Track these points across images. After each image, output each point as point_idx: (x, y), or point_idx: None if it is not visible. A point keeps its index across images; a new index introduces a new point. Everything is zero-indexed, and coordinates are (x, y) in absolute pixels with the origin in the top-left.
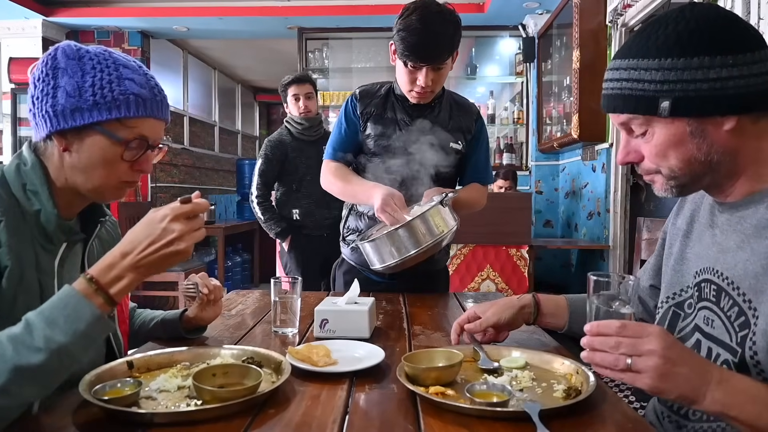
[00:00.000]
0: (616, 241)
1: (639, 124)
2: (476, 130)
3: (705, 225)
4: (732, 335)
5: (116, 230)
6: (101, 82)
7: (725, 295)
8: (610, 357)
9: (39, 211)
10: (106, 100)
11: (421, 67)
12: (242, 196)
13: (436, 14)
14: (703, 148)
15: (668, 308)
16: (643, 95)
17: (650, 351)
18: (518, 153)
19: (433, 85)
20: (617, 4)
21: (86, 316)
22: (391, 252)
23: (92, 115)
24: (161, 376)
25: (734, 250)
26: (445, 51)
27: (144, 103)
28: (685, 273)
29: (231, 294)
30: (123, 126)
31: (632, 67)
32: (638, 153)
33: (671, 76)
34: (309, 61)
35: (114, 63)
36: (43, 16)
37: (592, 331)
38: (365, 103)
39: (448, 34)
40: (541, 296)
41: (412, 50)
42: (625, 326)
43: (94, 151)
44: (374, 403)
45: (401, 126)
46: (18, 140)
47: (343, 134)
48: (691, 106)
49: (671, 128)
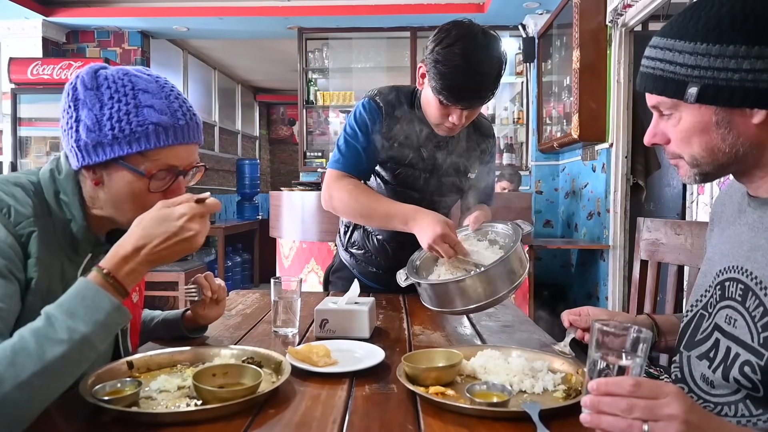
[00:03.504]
0: (616, 241)
1: (667, 106)
2: (490, 153)
3: (731, 222)
4: (754, 336)
5: None
6: (118, 114)
7: (752, 294)
8: (621, 422)
9: (69, 220)
10: (124, 133)
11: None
12: (242, 196)
13: (483, 49)
14: (728, 139)
15: (696, 312)
16: (673, 78)
17: (670, 416)
18: (518, 153)
19: (465, 121)
20: (617, 4)
21: (105, 306)
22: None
23: (113, 150)
24: (161, 376)
25: (766, 249)
26: (490, 92)
27: (165, 132)
28: (708, 273)
29: (231, 294)
30: (145, 159)
31: (668, 47)
32: (665, 136)
33: (704, 62)
34: (309, 61)
35: (132, 89)
36: (43, 16)
37: (599, 389)
38: (393, 122)
39: (494, 73)
40: (656, 316)
41: (452, 91)
42: (640, 385)
43: (121, 186)
44: (374, 403)
45: (423, 154)
46: (18, 140)
47: (361, 151)
48: (719, 95)
49: (697, 115)
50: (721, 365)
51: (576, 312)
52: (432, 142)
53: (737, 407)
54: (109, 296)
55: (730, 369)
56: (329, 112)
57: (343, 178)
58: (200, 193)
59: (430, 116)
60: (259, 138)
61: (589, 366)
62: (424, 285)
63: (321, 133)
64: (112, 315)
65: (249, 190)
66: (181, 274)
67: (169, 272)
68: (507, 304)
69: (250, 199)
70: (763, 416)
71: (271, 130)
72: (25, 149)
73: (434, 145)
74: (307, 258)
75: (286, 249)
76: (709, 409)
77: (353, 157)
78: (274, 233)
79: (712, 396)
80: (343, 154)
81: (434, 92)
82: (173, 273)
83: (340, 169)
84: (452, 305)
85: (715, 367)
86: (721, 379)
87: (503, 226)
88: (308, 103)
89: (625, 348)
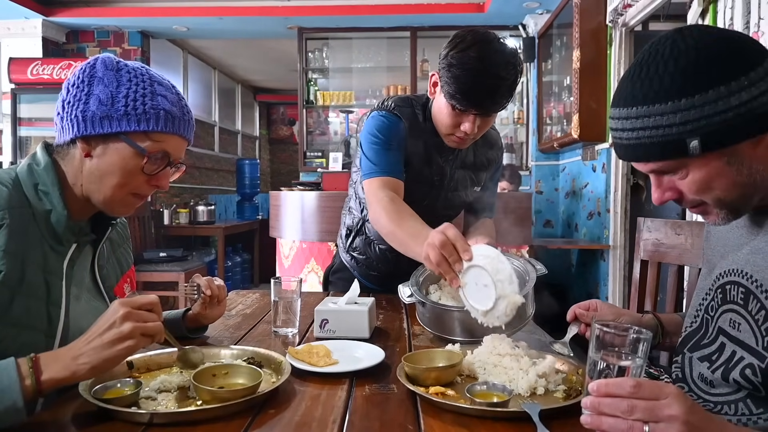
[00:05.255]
0: (616, 241)
1: (671, 167)
2: (496, 165)
3: (732, 226)
4: (759, 339)
5: (126, 231)
6: (135, 95)
7: (753, 298)
8: (622, 424)
9: (50, 211)
10: (137, 111)
11: (471, 112)
12: (242, 196)
13: (500, 53)
14: (743, 172)
15: (702, 316)
16: (669, 140)
17: (671, 417)
18: (518, 153)
19: (478, 132)
20: (617, 4)
21: (6, 401)
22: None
23: (120, 125)
24: (161, 376)
25: (766, 252)
26: (505, 99)
27: (173, 120)
28: (708, 276)
29: (231, 294)
30: (148, 139)
31: (644, 114)
32: (675, 190)
33: (692, 115)
34: (309, 61)
35: (150, 79)
36: (43, 16)
37: (600, 390)
38: (410, 134)
39: (510, 78)
40: (661, 315)
41: (466, 95)
42: (641, 386)
43: (116, 159)
44: (374, 403)
45: (432, 168)
46: (18, 140)
47: (390, 154)
48: (722, 138)
49: (707, 164)
50: (722, 366)
51: (584, 306)
52: (441, 157)
53: (737, 406)
54: (17, 393)
55: (731, 371)
56: (329, 112)
57: (382, 188)
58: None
59: (440, 126)
60: (259, 138)
61: (589, 366)
62: (428, 306)
63: (321, 133)
64: (5, 413)
65: (249, 190)
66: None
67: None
68: None
69: (250, 199)
70: (764, 415)
71: (271, 130)
72: (25, 149)
73: (443, 159)
74: (307, 258)
75: (286, 249)
76: (708, 409)
77: (384, 159)
78: (274, 233)
79: (711, 395)
80: (375, 162)
81: (447, 97)
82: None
83: (375, 175)
84: (451, 332)
85: (715, 368)
86: (721, 379)
87: (517, 262)
88: (308, 103)
89: (625, 349)
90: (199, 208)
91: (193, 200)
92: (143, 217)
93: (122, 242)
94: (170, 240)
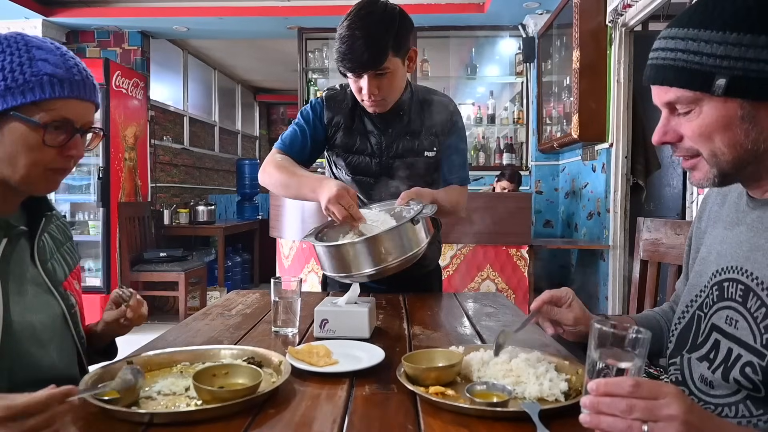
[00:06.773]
0: (616, 241)
1: (687, 101)
2: (451, 128)
3: (729, 223)
4: (757, 337)
5: (68, 231)
6: (11, 65)
7: (753, 295)
8: (621, 423)
9: None
10: (18, 83)
11: (361, 74)
12: (242, 196)
13: (367, 15)
14: (751, 135)
15: (693, 313)
16: (699, 69)
17: (670, 416)
18: (518, 153)
19: (381, 92)
20: (617, 4)
21: None
22: (343, 264)
23: (6, 101)
24: (161, 376)
25: (766, 249)
26: (379, 54)
27: (60, 83)
28: (703, 273)
29: (231, 294)
30: (39, 109)
31: (691, 37)
32: (676, 133)
33: (734, 51)
34: (309, 61)
35: (26, 45)
36: (43, 16)
37: (598, 390)
38: (333, 112)
39: (379, 34)
40: (636, 316)
41: (342, 60)
42: (640, 385)
43: (15, 138)
44: (374, 403)
45: (370, 140)
46: None
47: (300, 135)
48: (749, 87)
49: (721, 109)
50: (721, 366)
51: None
52: (378, 128)
53: (737, 408)
54: None
55: (730, 370)
56: None
57: (277, 154)
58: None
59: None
60: (259, 138)
61: (589, 366)
62: (318, 248)
63: None
64: None
65: (249, 190)
66: (181, 274)
67: (169, 272)
68: (507, 304)
69: (250, 199)
70: (763, 416)
71: (271, 130)
72: None
73: (380, 130)
74: (307, 258)
75: (286, 249)
76: (709, 411)
77: (291, 139)
78: (274, 233)
79: (711, 397)
80: (284, 138)
81: (338, 69)
82: (173, 273)
83: (279, 147)
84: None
85: (714, 368)
86: (721, 379)
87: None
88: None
89: (625, 348)
90: (199, 208)
91: (193, 200)
92: (143, 217)
93: (65, 240)
94: (170, 240)
